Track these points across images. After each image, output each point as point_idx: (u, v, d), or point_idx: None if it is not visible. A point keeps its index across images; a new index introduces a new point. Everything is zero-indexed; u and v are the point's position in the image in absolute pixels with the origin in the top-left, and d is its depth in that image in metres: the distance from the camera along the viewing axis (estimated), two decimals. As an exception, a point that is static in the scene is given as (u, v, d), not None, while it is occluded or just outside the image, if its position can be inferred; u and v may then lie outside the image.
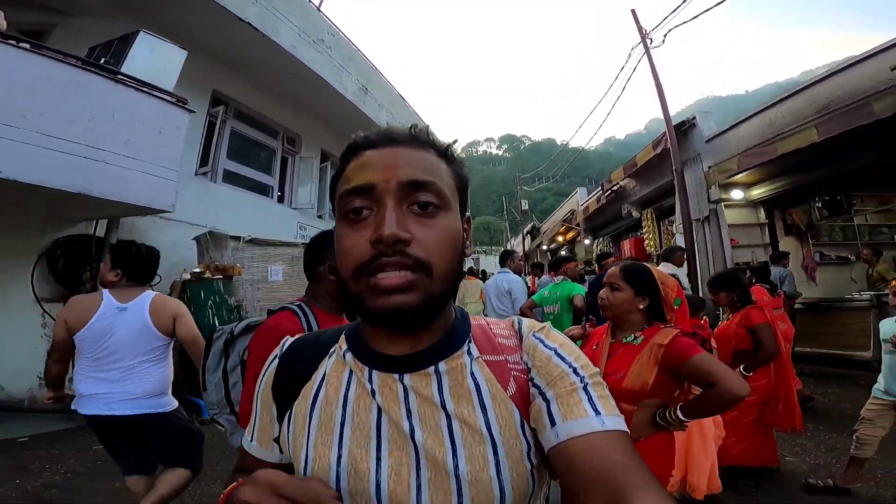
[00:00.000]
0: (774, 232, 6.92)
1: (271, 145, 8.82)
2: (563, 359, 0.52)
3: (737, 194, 6.89)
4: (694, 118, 7.60)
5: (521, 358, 0.54)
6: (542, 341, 0.54)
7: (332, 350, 0.58)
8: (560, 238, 16.21)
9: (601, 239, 13.31)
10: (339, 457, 0.49)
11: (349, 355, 0.55)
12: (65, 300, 4.59)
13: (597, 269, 6.01)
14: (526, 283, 5.35)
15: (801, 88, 5.65)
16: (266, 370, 0.60)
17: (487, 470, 0.47)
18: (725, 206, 6.92)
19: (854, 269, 6.76)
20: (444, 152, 0.55)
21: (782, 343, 2.83)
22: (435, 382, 0.51)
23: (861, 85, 4.81)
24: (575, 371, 0.50)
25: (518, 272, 4.73)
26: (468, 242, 0.55)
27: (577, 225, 13.94)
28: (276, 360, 0.60)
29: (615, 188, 10.41)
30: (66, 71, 3.81)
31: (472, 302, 5.92)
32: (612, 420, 0.47)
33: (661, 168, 8.23)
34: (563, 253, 16.44)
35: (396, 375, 0.51)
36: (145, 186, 4.25)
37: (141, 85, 4.36)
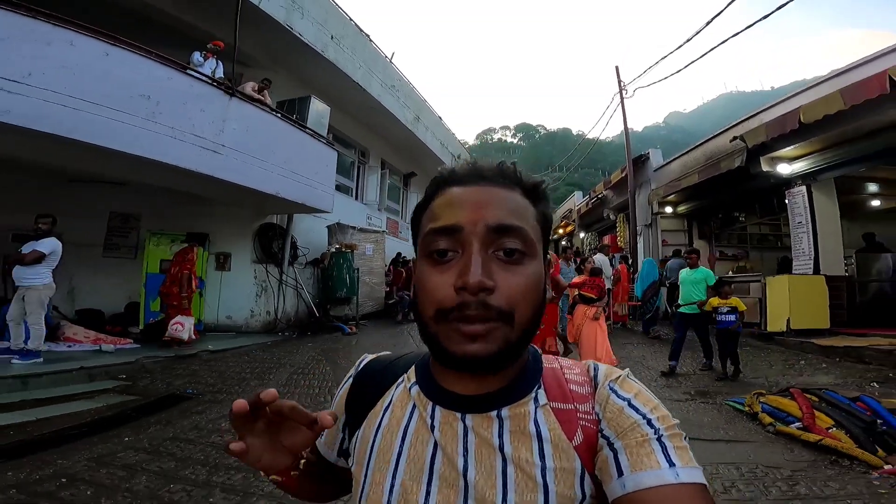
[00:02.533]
0: (692, 236, 10.43)
1: (351, 157, 12.44)
2: (636, 409, 0.49)
3: (668, 209, 10.37)
4: (648, 153, 11.06)
5: (593, 408, 0.51)
6: (615, 392, 0.51)
7: (401, 379, 0.59)
8: (561, 231, 19.70)
9: (591, 233, 16.82)
10: (392, 486, 0.51)
11: (415, 388, 0.56)
12: (265, 263, 8.34)
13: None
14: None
15: (699, 144, 9.09)
16: (343, 385, 0.64)
17: None
18: (661, 218, 10.44)
19: (742, 262, 10.24)
20: (532, 191, 0.54)
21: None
22: (496, 425, 0.50)
23: (722, 147, 8.24)
24: (649, 422, 0.47)
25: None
26: (547, 284, 0.55)
27: (574, 221, 17.44)
28: (352, 379, 0.63)
29: (599, 196, 13.89)
30: (297, 132, 7.43)
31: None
32: (688, 472, 0.43)
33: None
34: (563, 243, 19.99)
35: (459, 414, 0.51)
36: (321, 198, 7.92)
37: (319, 137, 7.97)
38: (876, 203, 9.40)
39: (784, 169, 7.20)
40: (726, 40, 8.17)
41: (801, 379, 4.98)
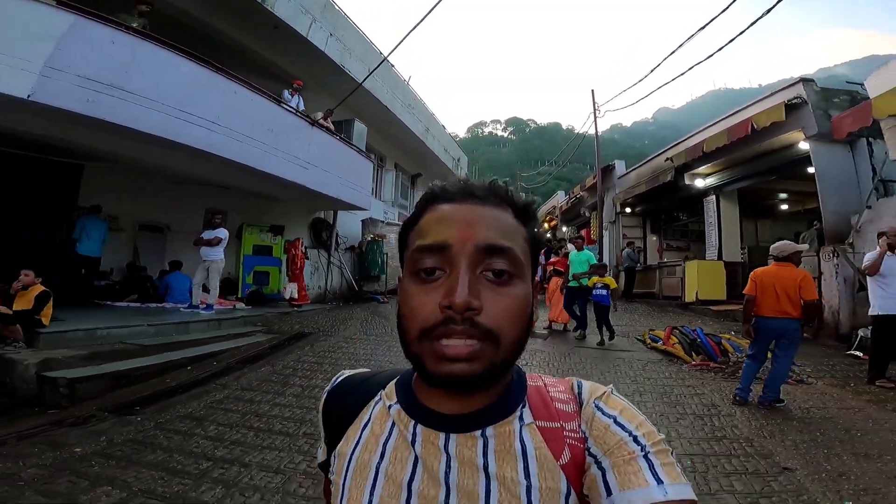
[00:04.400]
0: (646, 231, 13.28)
1: (371, 162, 14.94)
2: (622, 427, 0.49)
3: (628, 210, 13.19)
4: (614, 163, 13.82)
5: (579, 426, 0.51)
6: (601, 410, 0.51)
7: (378, 396, 0.58)
8: (546, 225, 22.51)
9: (571, 227, 19.67)
10: (371, 502, 0.50)
11: (395, 408, 0.55)
12: (317, 248, 11.01)
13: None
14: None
15: (648, 160, 11.85)
16: (321, 401, 0.64)
17: None
18: (622, 216, 13.27)
19: (688, 253, 13.12)
20: (523, 211, 0.54)
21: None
22: (480, 444, 0.50)
23: (661, 164, 11.01)
24: (635, 439, 0.47)
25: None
26: (535, 305, 0.54)
27: (557, 217, 20.26)
28: (326, 395, 0.63)
29: (577, 196, 16.67)
30: (348, 150, 9.97)
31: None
32: (677, 489, 0.43)
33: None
34: (547, 235, 22.72)
35: (442, 434, 0.50)
36: (362, 199, 10.50)
37: (361, 152, 10.53)
38: (784, 207, 12.32)
39: (700, 183, 10.00)
40: (701, 62, 7.58)
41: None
